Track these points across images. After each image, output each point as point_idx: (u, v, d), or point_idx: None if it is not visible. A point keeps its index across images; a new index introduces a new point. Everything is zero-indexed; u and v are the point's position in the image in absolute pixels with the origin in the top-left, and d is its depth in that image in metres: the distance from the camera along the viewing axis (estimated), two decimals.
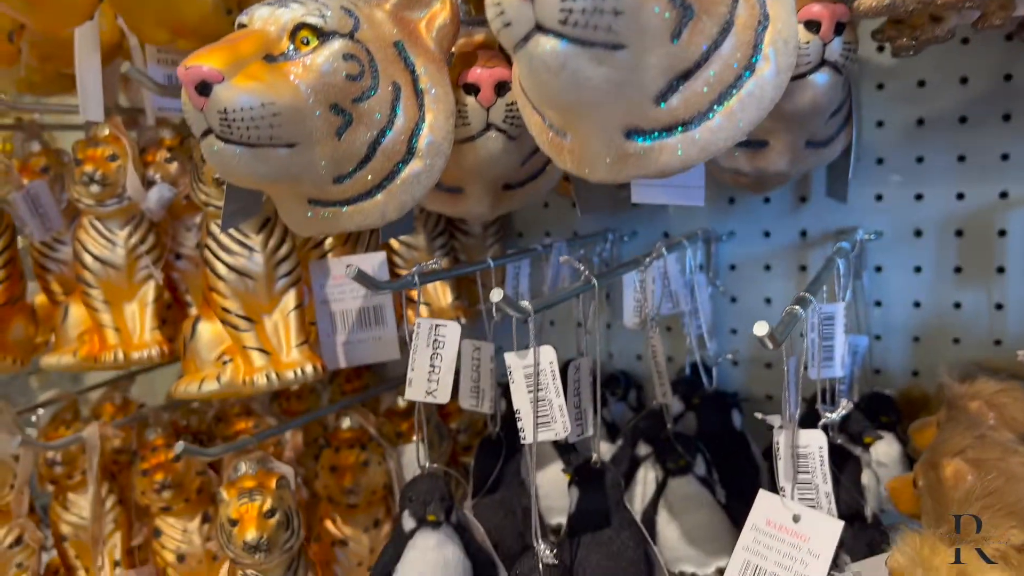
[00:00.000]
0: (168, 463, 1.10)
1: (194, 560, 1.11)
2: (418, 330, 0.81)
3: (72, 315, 1.07)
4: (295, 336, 0.93)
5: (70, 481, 1.23)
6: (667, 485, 0.96)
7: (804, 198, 1.19)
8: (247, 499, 0.91)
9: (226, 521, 0.91)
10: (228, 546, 0.92)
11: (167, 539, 1.11)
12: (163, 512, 1.11)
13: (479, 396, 0.97)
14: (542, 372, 0.73)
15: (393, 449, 1.10)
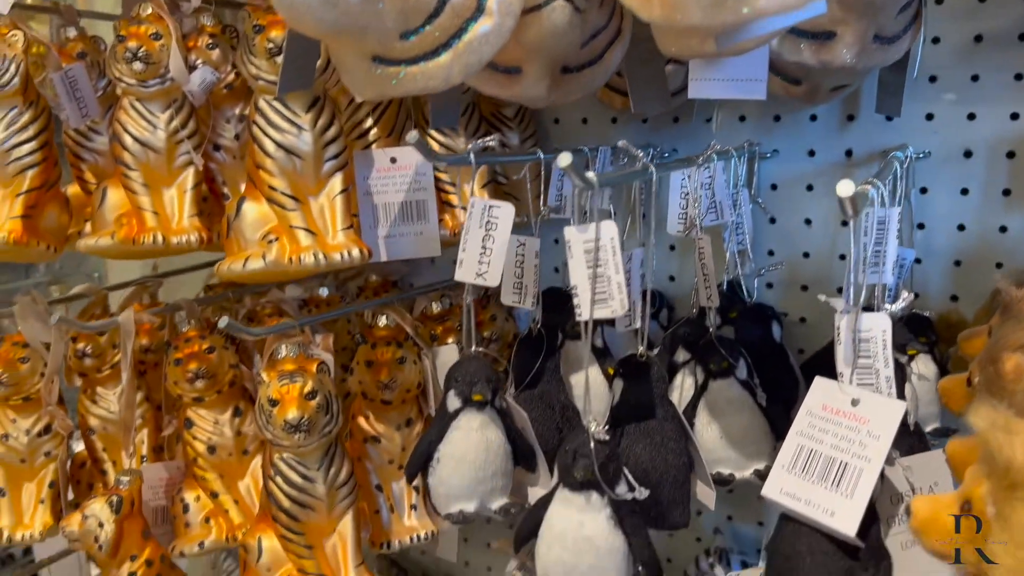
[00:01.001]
0: (202, 353, 1.09)
1: (224, 452, 1.11)
2: (472, 210, 0.80)
3: (110, 198, 1.05)
4: (341, 219, 0.92)
5: (99, 374, 1.23)
6: (708, 387, 0.96)
7: (852, 116, 1.17)
8: (288, 380, 0.91)
9: (266, 402, 0.91)
10: (267, 427, 0.91)
11: (198, 430, 1.11)
12: (195, 403, 1.11)
13: (522, 292, 0.96)
14: (602, 248, 0.71)
15: (428, 349, 1.09)
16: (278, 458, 0.94)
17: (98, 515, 1.05)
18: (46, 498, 1.19)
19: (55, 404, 1.16)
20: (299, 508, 0.94)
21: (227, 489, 1.12)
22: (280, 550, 0.96)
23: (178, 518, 1.13)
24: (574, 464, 0.72)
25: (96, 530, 1.05)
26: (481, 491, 0.85)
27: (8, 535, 1.15)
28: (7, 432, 1.16)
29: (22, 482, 1.19)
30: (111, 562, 1.07)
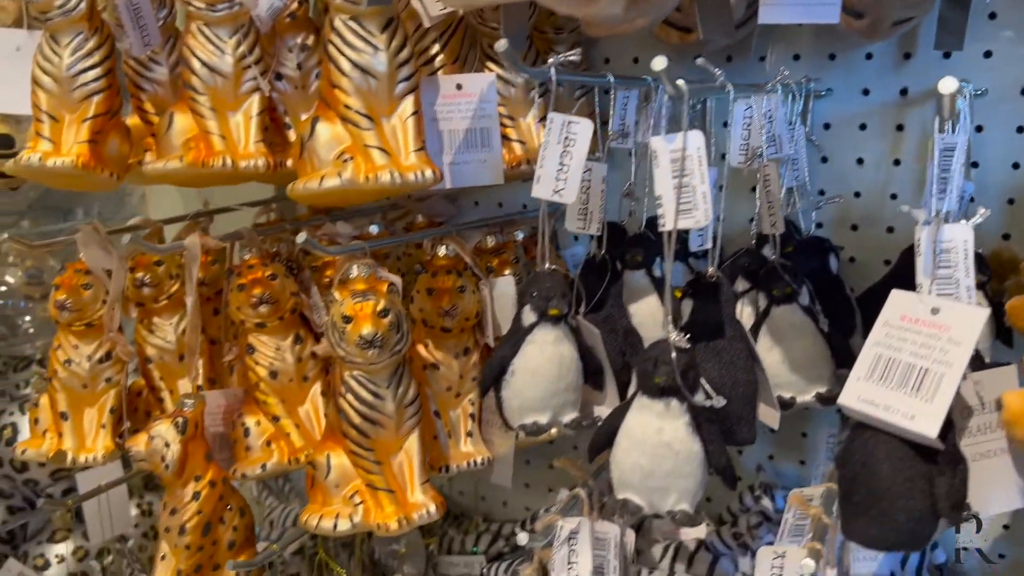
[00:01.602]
0: (265, 279, 1.11)
1: (286, 377, 1.14)
2: (551, 126, 0.81)
3: (177, 124, 1.06)
4: (413, 141, 0.93)
5: (156, 304, 1.26)
6: (770, 314, 0.97)
7: (908, 54, 1.17)
8: (361, 299, 0.93)
9: (339, 319, 0.93)
10: (340, 344, 0.93)
11: (260, 356, 1.13)
12: (257, 329, 1.13)
13: (587, 218, 0.97)
14: (688, 158, 0.73)
15: (486, 280, 1.11)
16: (348, 376, 0.96)
17: (164, 436, 1.08)
18: (107, 423, 1.21)
19: (116, 331, 1.18)
20: (369, 425, 0.96)
21: (288, 414, 1.14)
22: (348, 467, 0.99)
23: (239, 442, 1.15)
24: (655, 370, 0.74)
25: (163, 450, 1.07)
26: (554, 404, 0.87)
27: (72, 457, 1.18)
28: (70, 357, 1.19)
29: (83, 407, 1.21)
30: (176, 481, 1.09)
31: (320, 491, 1.00)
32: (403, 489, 0.99)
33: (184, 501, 1.09)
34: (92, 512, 1.76)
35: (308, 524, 0.99)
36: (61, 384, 1.19)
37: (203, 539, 1.10)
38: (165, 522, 1.10)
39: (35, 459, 1.20)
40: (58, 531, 1.80)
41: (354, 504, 0.97)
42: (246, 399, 1.18)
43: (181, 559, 1.10)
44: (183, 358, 1.28)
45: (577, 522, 0.89)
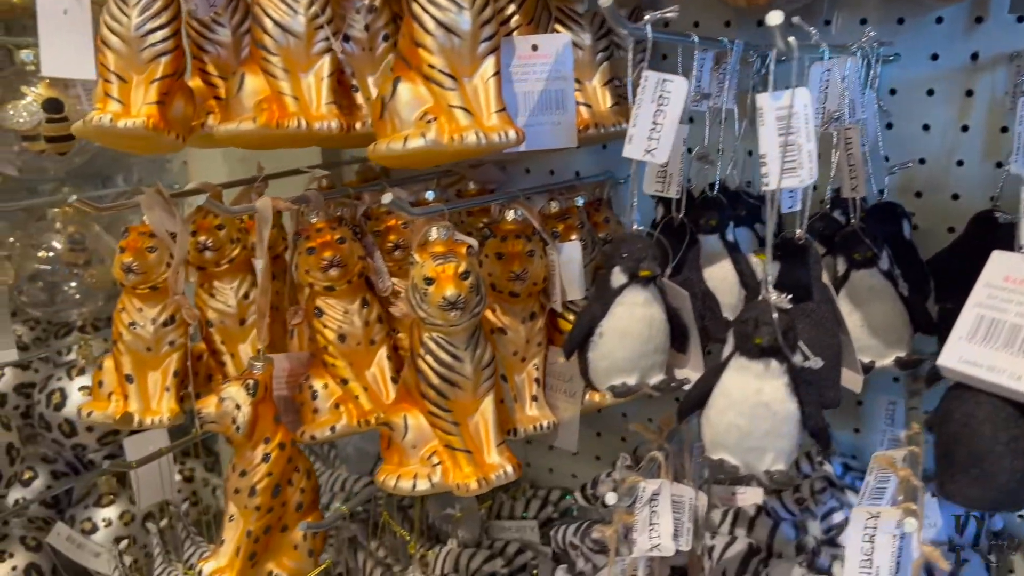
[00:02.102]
0: (334, 243, 1.11)
1: (353, 341, 1.14)
2: (644, 84, 0.80)
3: (248, 85, 1.05)
4: (495, 101, 0.92)
5: (217, 268, 1.26)
6: (849, 277, 0.97)
7: (980, 18, 1.15)
8: (443, 261, 0.93)
9: (421, 281, 0.93)
10: (421, 305, 0.93)
11: (328, 319, 1.13)
12: (325, 292, 1.13)
13: (666, 180, 0.96)
14: (795, 115, 0.72)
15: (554, 245, 1.10)
16: (428, 337, 0.96)
17: (235, 398, 1.08)
18: (171, 386, 1.22)
19: (181, 294, 1.18)
20: (447, 386, 0.97)
21: (356, 377, 1.14)
22: (425, 428, 0.99)
23: (306, 405, 1.15)
24: (756, 331, 0.74)
25: (233, 412, 1.08)
26: (642, 365, 0.87)
27: (139, 419, 1.19)
28: (134, 320, 1.19)
29: (147, 370, 1.22)
30: (246, 443, 1.10)
31: (396, 452, 1.01)
32: (480, 450, 0.99)
33: (254, 463, 1.10)
34: (139, 477, 1.78)
35: (386, 484, 0.99)
36: (125, 347, 1.20)
37: (273, 501, 1.11)
38: (234, 484, 1.11)
39: (101, 422, 1.21)
40: (104, 495, 1.82)
41: (432, 465, 0.98)
42: (311, 362, 1.18)
43: (251, 520, 1.11)
44: (244, 322, 1.28)
45: (659, 484, 0.89)
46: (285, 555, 1.15)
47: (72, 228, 1.77)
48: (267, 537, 1.13)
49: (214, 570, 1.12)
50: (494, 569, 1.35)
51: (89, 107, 1.58)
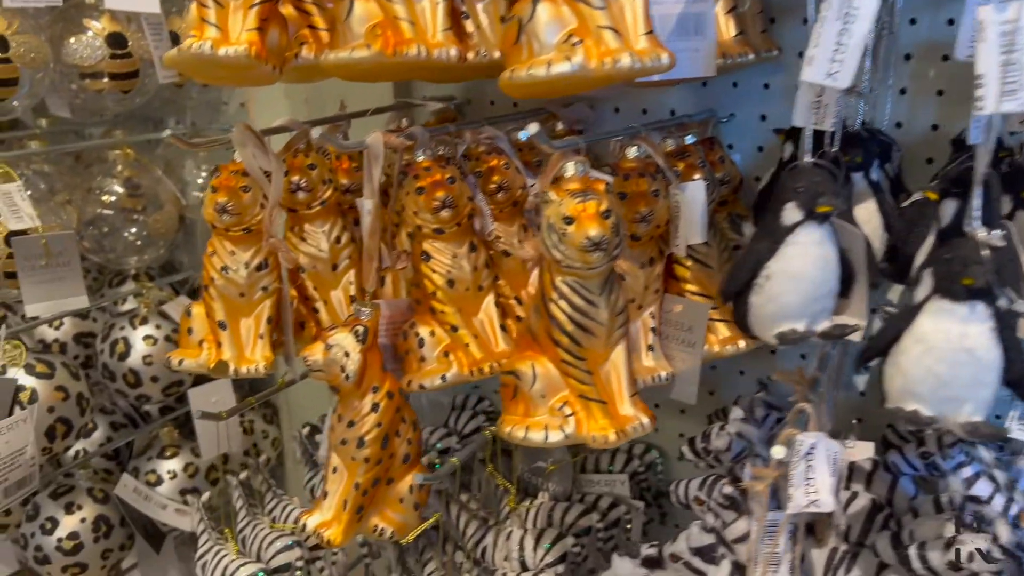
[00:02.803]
0: (445, 183, 1.04)
1: (462, 286, 1.08)
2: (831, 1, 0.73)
3: (358, 9, 0.97)
4: (642, 22, 0.84)
5: (308, 211, 1.19)
6: (1015, 216, 0.90)
7: None
8: (583, 198, 0.86)
9: (559, 220, 0.86)
10: (559, 247, 0.87)
11: (437, 263, 1.07)
12: (434, 235, 1.06)
13: (820, 111, 0.89)
14: (1020, 30, 0.65)
15: (677, 183, 1.04)
16: (561, 281, 0.90)
17: (343, 344, 1.02)
18: (264, 333, 1.16)
19: (278, 237, 1.12)
20: (581, 332, 0.91)
21: (465, 324, 1.08)
22: (555, 377, 0.93)
23: (411, 353, 1.10)
24: (964, 271, 0.67)
25: (342, 359, 1.02)
26: (812, 310, 0.81)
27: (234, 368, 1.14)
28: (226, 265, 1.13)
29: (240, 317, 1.16)
30: (355, 392, 1.05)
31: (523, 402, 0.95)
32: (612, 401, 0.93)
33: (362, 413, 1.05)
34: (204, 429, 1.74)
35: (513, 435, 0.94)
36: (217, 292, 1.14)
37: (381, 452, 1.06)
38: (340, 434, 1.06)
39: (194, 370, 1.15)
40: (168, 447, 1.78)
41: (564, 415, 0.92)
42: (415, 309, 1.12)
43: (358, 473, 1.06)
44: (336, 268, 1.22)
45: (816, 437, 0.84)
46: (390, 508, 1.11)
47: (129, 172, 1.70)
48: (374, 490, 1.08)
49: (320, 524, 1.07)
50: (590, 524, 1.31)
51: (152, 41, 1.51)
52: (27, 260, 1.36)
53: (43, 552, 1.60)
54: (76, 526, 1.62)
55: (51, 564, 1.60)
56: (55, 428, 1.47)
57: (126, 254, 1.68)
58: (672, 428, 1.52)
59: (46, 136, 1.74)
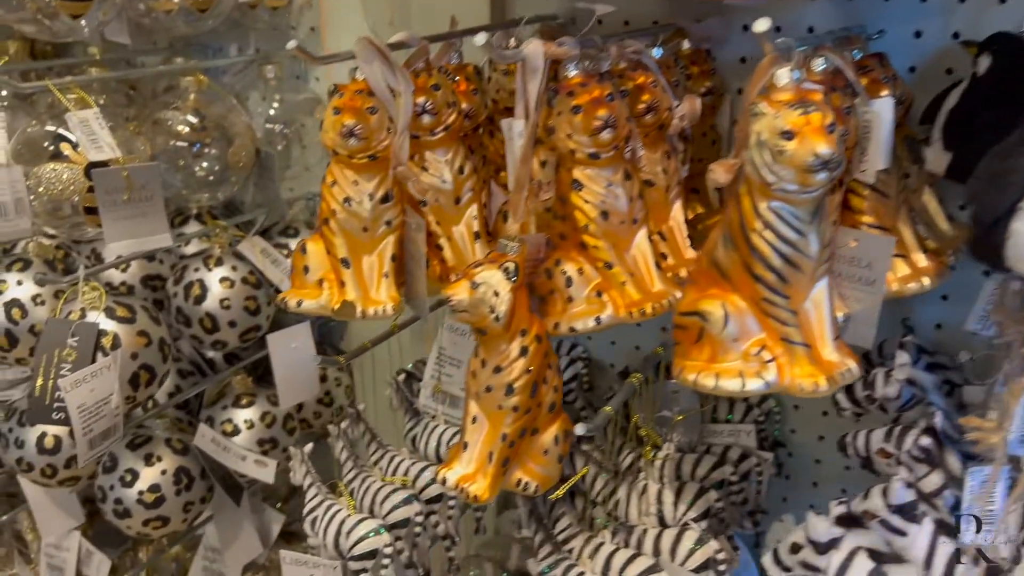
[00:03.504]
0: (604, 100, 0.93)
1: (617, 219, 0.97)
2: None
3: None
4: None
5: (432, 137, 1.08)
6: None
7: None
8: (803, 109, 0.75)
9: (774, 136, 0.76)
10: (774, 166, 0.76)
11: (589, 193, 0.96)
12: (588, 161, 0.95)
13: None
14: None
15: (864, 100, 0.92)
16: (767, 208, 0.79)
17: (491, 283, 0.92)
18: (389, 272, 1.05)
19: (407, 164, 1.01)
20: (788, 267, 0.80)
21: (619, 260, 0.98)
22: (749, 318, 0.83)
23: (557, 292, 1.00)
24: None
25: (491, 299, 0.92)
26: None
27: (361, 309, 1.03)
28: (349, 196, 1.02)
29: (362, 254, 1.05)
30: (503, 336, 0.95)
31: (710, 346, 0.85)
32: (814, 344, 0.83)
33: (510, 358, 0.95)
34: (282, 376, 1.64)
35: (702, 384, 0.84)
36: (339, 226, 1.03)
37: (530, 400, 0.97)
38: (485, 381, 0.96)
39: (314, 312, 1.05)
40: (243, 396, 1.69)
41: (763, 361, 0.82)
42: (559, 246, 1.02)
43: (505, 423, 0.96)
44: (459, 201, 1.12)
45: None
46: (533, 461, 1.01)
47: (193, 99, 1.57)
48: (521, 441, 0.99)
49: (462, 478, 0.99)
50: (723, 476, 1.22)
51: None
52: (108, 194, 1.25)
53: (123, 505, 1.52)
54: (157, 478, 1.53)
55: (131, 518, 1.52)
56: (138, 376, 1.38)
57: (199, 190, 1.57)
58: None
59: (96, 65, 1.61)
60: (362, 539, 1.12)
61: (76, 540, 1.85)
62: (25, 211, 1.38)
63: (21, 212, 1.38)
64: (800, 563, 0.95)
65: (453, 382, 1.34)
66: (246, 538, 1.83)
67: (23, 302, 1.45)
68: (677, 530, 1.09)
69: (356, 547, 1.12)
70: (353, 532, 1.13)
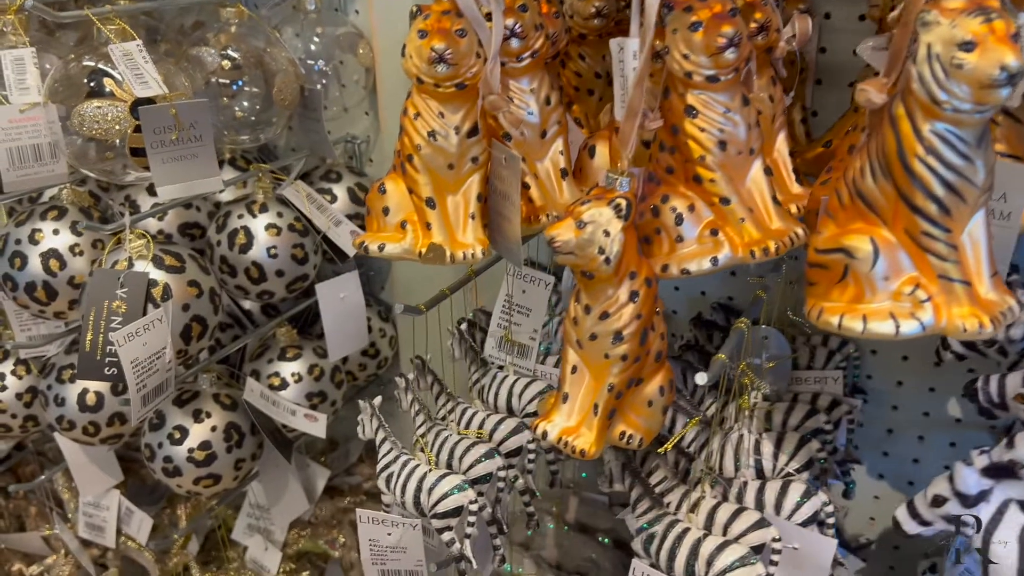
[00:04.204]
0: (727, 15, 0.84)
1: (734, 149, 0.89)
2: None
3: None
4: None
5: (518, 64, 0.99)
6: None
7: None
8: (984, 16, 0.66)
9: (948, 47, 0.67)
10: (943, 83, 0.68)
11: (705, 120, 0.88)
12: (706, 84, 0.86)
13: None
14: None
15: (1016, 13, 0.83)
16: (930, 131, 0.71)
17: (600, 221, 0.84)
18: (476, 212, 0.98)
19: (498, 93, 0.92)
20: (952, 196, 0.72)
21: (737, 194, 0.90)
22: (900, 254, 0.76)
23: (664, 232, 0.92)
24: None
25: (601, 239, 0.84)
26: None
27: (450, 252, 0.96)
28: (434, 129, 0.93)
29: (446, 193, 0.97)
30: (611, 279, 0.87)
31: (854, 286, 0.78)
32: (971, 281, 0.76)
33: (619, 303, 0.88)
34: (331, 327, 1.58)
35: (847, 326, 0.77)
36: (423, 163, 0.95)
37: (639, 348, 0.90)
38: (590, 329, 0.89)
39: (397, 257, 0.97)
40: (288, 348, 1.62)
41: (918, 301, 0.75)
42: (660, 181, 0.94)
43: (612, 372, 0.90)
44: (545, 135, 1.03)
45: None
46: (636, 412, 0.95)
47: (232, 38, 1.47)
48: (628, 392, 0.92)
49: (564, 431, 0.92)
50: (817, 425, 1.16)
51: None
52: (156, 134, 1.15)
53: (173, 463, 1.46)
54: (207, 435, 1.47)
55: (182, 476, 1.47)
56: (190, 328, 1.30)
57: (240, 131, 1.47)
58: None
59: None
60: (446, 496, 1.06)
61: (116, 499, 1.81)
62: (61, 155, 1.29)
63: (58, 156, 1.29)
64: (942, 516, 0.89)
65: (522, 331, 1.27)
66: (292, 495, 1.79)
67: (61, 252, 1.36)
68: (780, 482, 1.03)
69: (439, 504, 1.06)
70: (436, 489, 1.07)
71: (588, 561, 1.53)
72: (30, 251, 1.35)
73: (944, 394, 1.37)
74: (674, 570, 0.96)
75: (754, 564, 0.92)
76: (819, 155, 1.10)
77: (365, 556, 1.14)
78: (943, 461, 1.42)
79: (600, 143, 1.06)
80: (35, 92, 1.23)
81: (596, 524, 1.62)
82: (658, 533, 0.99)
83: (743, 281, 1.42)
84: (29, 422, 1.69)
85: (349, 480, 2.00)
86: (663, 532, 0.99)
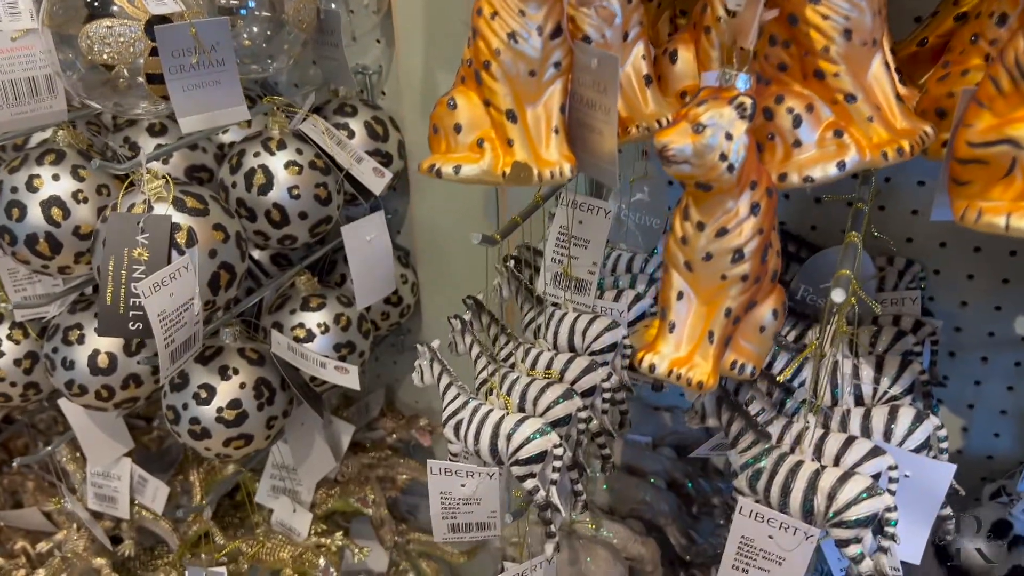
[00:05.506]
0: None
1: (859, 38, 0.78)
2: None
3: None
4: None
5: None
6: None
7: None
8: None
9: None
10: None
11: (829, 7, 0.77)
12: None
13: None
14: None
15: None
16: None
17: (722, 124, 0.75)
18: (559, 126, 0.87)
19: None
20: None
21: (863, 89, 0.81)
22: None
23: (779, 136, 0.83)
24: None
25: (723, 144, 0.75)
26: None
27: (537, 172, 0.85)
28: (514, 30, 0.82)
29: (526, 105, 0.86)
30: (731, 190, 0.78)
31: (1018, 183, 0.69)
32: None
33: (739, 217, 0.79)
34: (358, 272, 1.47)
35: (1014, 226, 0.69)
36: (503, 70, 0.84)
37: (761, 267, 0.81)
38: (704, 248, 0.80)
39: (475, 179, 0.87)
40: (312, 298, 1.51)
41: None
42: (774, 79, 0.84)
43: (730, 295, 0.81)
44: (627, 36, 0.92)
45: None
46: (747, 339, 0.87)
47: None
48: (745, 316, 0.84)
49: (674, 361, 0.84)
50: (907, 347, 1.09)
51: None
52: (175, 57, 1.02)
53: (201, 425, 1.35)
54: (236, 393, 1.36)
55: (211, 438, 1.36)
56: (219, 276, 1.19)
57: (250, 60, 1.34)
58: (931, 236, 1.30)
59: None
60: (528, 441, 0.98)
61: (127, 467, 1.69)
62: (59, 89, 1.15)
63: (56, 90, 1.15)
64: None
65: (580, 264, 1.18)
66: (319, 453, 1.69)
67: (63, 199, 1.23)
68: (888, 408, 0.97)
69: (521, 451, 0.98)
70: (516, 434, 0.98)
71: (642, 503, 1.47)
72: (29, 200, 1.22)
73: (1012, 312, 1.32)
74: (789, 506, 0.89)
75: (881, 495, 0.85)
76: (913, 54, 1.01)
77: (435, 510, 1.05)
78: (1007, 383, 1.37)
79: (682, 47, 0.96)
80: (28, 17, 1.09)
81: (644, 466, 1.56)
82: (767, 468, 0.92)
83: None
84: (30, 390, 1.56)
85: (371, 435, 1.91)
86: (772, 467, 0.92)
